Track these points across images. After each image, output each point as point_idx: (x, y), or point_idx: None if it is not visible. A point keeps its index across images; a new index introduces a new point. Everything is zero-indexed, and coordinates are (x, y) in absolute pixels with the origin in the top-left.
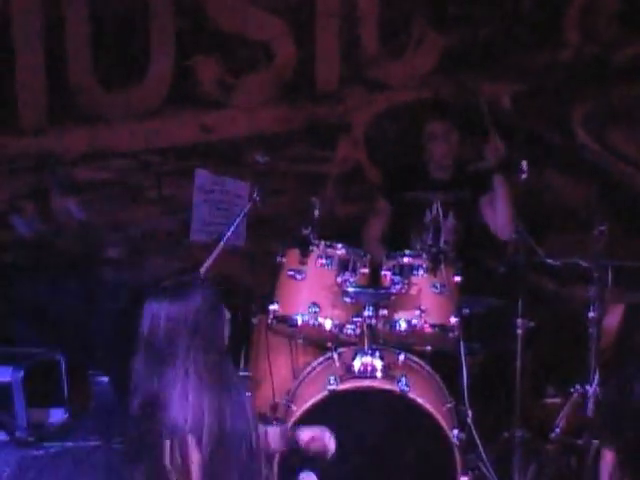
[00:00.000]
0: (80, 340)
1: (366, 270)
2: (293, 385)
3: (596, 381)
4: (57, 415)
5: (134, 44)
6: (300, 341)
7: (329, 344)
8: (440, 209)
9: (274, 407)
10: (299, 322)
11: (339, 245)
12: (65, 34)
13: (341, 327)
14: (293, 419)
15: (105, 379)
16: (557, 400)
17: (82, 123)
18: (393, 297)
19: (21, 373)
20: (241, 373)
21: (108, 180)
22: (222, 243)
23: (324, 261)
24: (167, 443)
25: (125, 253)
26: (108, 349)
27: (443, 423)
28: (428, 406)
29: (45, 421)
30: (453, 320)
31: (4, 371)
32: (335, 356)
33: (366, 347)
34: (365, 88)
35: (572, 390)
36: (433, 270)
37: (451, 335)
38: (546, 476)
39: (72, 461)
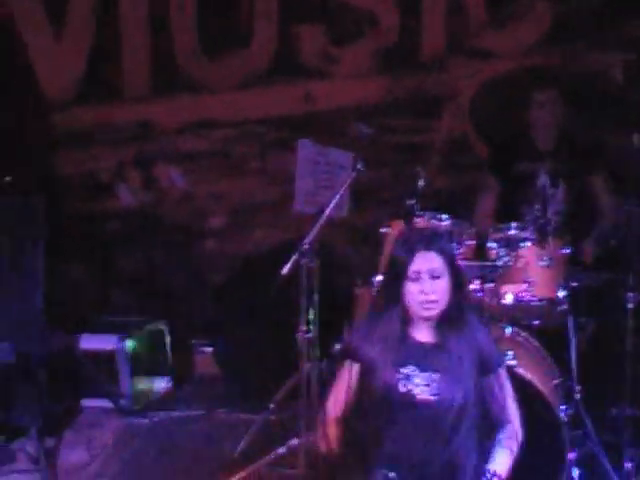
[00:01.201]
0: (183, 310)
1: (472, 242)
2: None
3: None
4: (161, 384)
5: (238, 13)
6: None
7: None
8: (547, 180)
9: None
10: None
11: (444, 216)
12: (170, 3)
13: None
14: None
15: (208, 349)
16: None
17: (186, 92)
18: (499, 270)
19: (126, 342)
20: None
21: (211, 150)
22: (325, 214)
23: None
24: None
25: (228, 224)
26: (211, 319)
27: (550, 399)
28: (535, 381)
29: (149, 390)
30: (561, 294)
31: (109, 340)
32: None
33: None
34: (470, 57)
35: None
36: (540, 242)
37: (559, 309)
38: None
39: (175, 430)
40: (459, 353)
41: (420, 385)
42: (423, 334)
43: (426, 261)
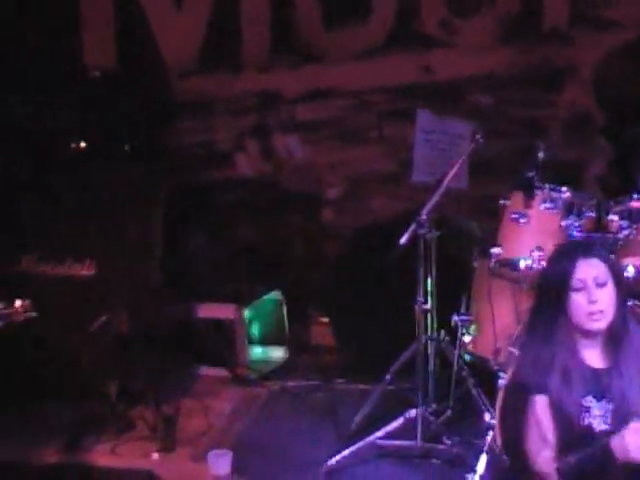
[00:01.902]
0: (300, 280)
1: (592, 214)
2: (516, 330)
3: None
4: (278, 354)
5: None
6: (524, 285)
7: None
8: None
9: (496, 352)
10: (522, 266)
11: (564, 188)
12: None
13: None
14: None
15: (325, 319)
16: None
17: (305, 62)
18: (621, 243)
19: (243, 311)
20: (463, 317)
21: (329, 119)
22: (444, 185)
23: (549, 205)
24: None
25: (345, 193)
26: (328, 289)
27: None
28: None
29: (266, 359)
30: None
31: (227, 309)
32: None
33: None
34: (594, 27)
35: None
36: None
37: None
38: None
39: (292, 400)
40: (630, 376)
41: (597, 417)
42: (593, 358)
43: (590, 268)
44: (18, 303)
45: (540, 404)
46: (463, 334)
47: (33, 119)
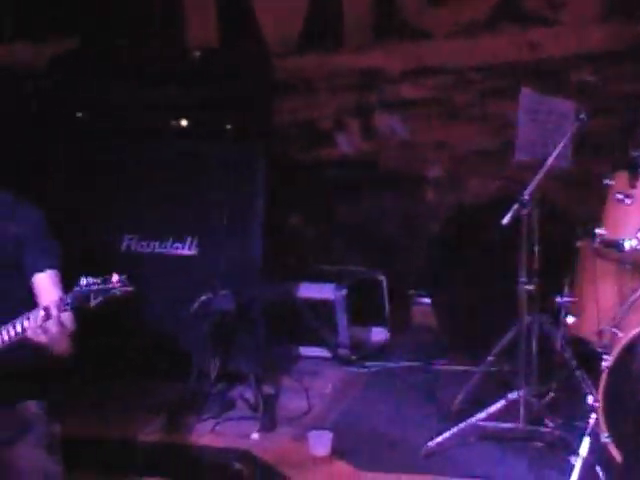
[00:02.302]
0: (401, 260)
1: None
2: (620, 311)
3: None
4: (378, 334)
5: None
6: (628, 267)
7: None
8: None
9: (599, 334)
10: (627, 247)
11: None
12: None
13: None
14: (618, 346)
15: (426, 300)
16: None
17: (407, 39)
18: None
19: (344, 291)
20: (566, 298)
21: (431, 97)
22: (547, 164)
23: None
24: None
25: (447, 172)
26: (429, 270)
27: None
28: None
29: (367, 339)
30: None
31: (327, 289)
32: None
33: None
34: None
35: None
36: None
37: None
38: None
39: (393, 380)
40: None
41: None
42: None
43: None
44: (115, 278)
45: None
46: (566, 315)
47: (135, 100)
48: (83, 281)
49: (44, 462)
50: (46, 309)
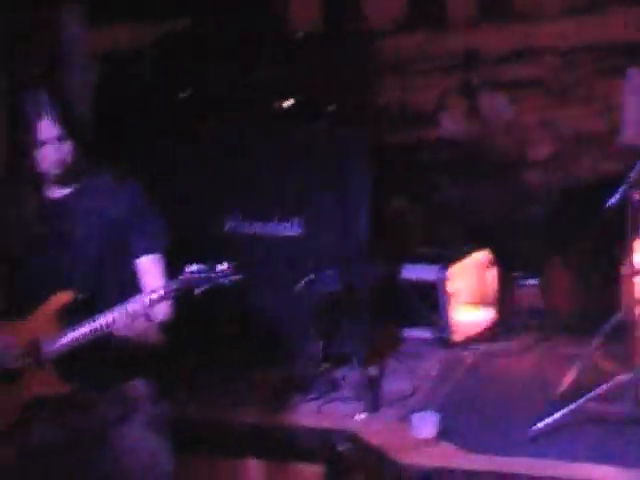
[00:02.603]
0: (506, 241)
1: None
2: None
3: None
4: (485, 315)
5: None
6: None
7: None
8: None
9: None
10: None
11: None
12: None
13: None
14: None
15: (531, 281)
16: None
17: (513, 19)
18: None
19: (446, 273)
20: None
21: (536, 78)
22: None
23: None
24: None
25: (552, 154)
26: (534, 251)
27: None
28: None
29: (472, 322)
30: None
31: (431, 271)
32: None
33: None
34: None
35: None
36: None
37: None
38: None
39: (499, 362)
40: None
41: None
42: None
43: None
44: (222, 266)
45: None
46: None
47: (238, 81)
48: (189, 268)
49: (152, 442)
50: (132, 305)
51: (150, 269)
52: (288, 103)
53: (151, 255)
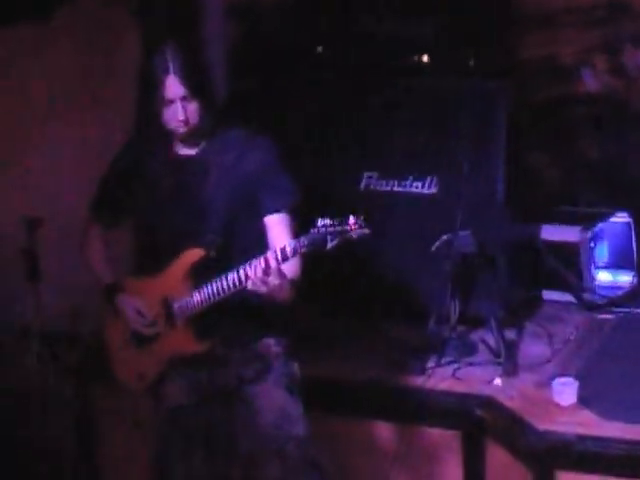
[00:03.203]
0: None
1: None
2: None
3: None
4: (626, 278)
5: None
6: None
7: None
8: None
9: None
10: None
11: None
12: None
13: None
14: None
15: None
16: None
17: None
18: None
19: (589, 234)
20: None
21: None
22: None
23: None
24: None
25: None
26: None
27: None
28: None
29: (613, 284)
30: None
31: (572, 232)
32: None
33: None
34: None
35: None
36: None
37: None
38: None
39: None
40: None
41: None
42: None
43: None
44: (352, 219)
45: None
46: None
47: (375, 35)
48: (319, 222)
49: (284, 401)
50: (266, 260)
51: (279, 227)
52: (425, 58)
53: (281, 213)
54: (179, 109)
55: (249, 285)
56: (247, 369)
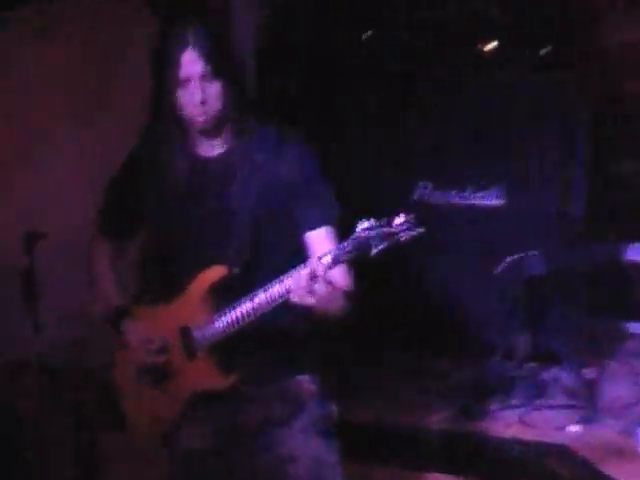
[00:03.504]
0: None
1: None
2: None
3: None
4: None
5: None
6: None
7: None
8: None
9: None
10: None
11: None
12: None
13: None
14: None
15: None
16: None
17: None
18: None
19: None
20: None
21: None
22: None
23: None
24: None
25: None
26: None
27: None
28: None
29: None
30: None
31: None
32: None
33: None
34: None
35: None
36: None
37: None
38: None
39: None
40: None
41: None
42: None
43: None
44: (400, 219)
45: None
46: None
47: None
48: (362, 225)
49: (317, 449)
50: (311, 266)
51: (321, 243)
52: (491, 47)
53: (327, 227)
54: (197, 89)
55: (292, 297)
56: (276, 409)
